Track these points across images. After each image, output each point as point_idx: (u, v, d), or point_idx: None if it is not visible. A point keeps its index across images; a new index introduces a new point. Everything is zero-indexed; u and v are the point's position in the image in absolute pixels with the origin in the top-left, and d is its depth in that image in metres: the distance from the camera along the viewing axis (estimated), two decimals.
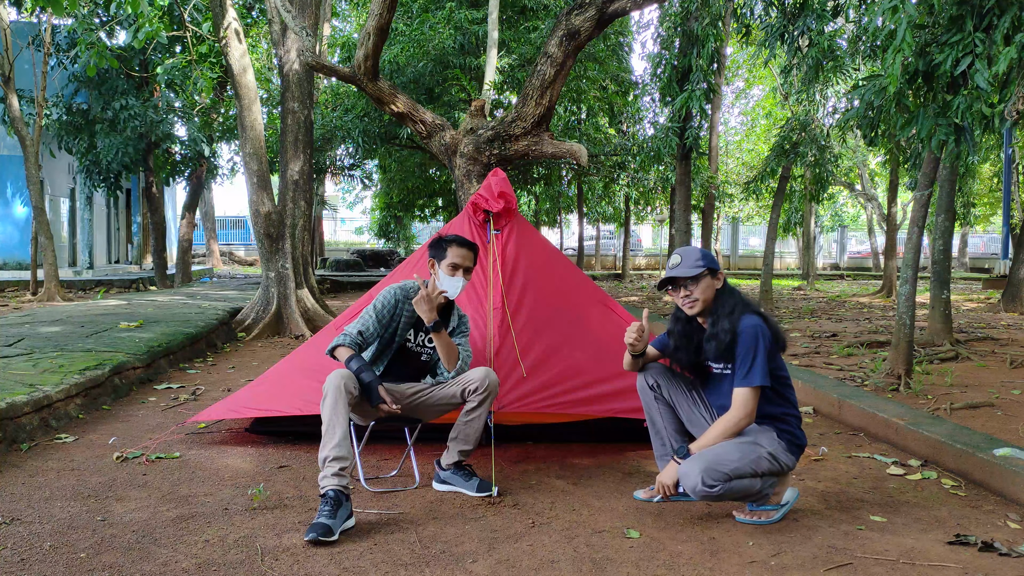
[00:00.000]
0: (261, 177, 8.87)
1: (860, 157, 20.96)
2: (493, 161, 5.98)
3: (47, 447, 3.91)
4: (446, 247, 3.33)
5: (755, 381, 2.89)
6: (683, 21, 11.27)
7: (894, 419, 4.19)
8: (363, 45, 5.88)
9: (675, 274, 3.05)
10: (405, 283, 3.43)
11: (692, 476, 2.83)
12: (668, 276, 3.08)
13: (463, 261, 3.31)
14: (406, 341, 3.41)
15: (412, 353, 3.44)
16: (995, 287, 16.82)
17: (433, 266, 3.36)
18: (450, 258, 3.30)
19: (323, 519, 2.75)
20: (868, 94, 5.16)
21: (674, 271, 3.05)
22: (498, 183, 4.12)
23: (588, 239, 29.24)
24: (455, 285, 3.31)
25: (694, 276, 3.02)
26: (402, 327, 3.37)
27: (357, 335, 3.24)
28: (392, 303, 3.35)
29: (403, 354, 3.43)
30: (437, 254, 3.35)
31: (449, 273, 3.30)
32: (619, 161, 15.68)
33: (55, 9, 6.23)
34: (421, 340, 3.43)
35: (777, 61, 12.08)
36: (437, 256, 3.35)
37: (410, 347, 3.43)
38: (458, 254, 3.31)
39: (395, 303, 3.35)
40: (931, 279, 7.20)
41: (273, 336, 8.75)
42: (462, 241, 3.35)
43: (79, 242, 18.69)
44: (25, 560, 2.55)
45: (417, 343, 3.43)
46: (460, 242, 3.34)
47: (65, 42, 13.04)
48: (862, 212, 32.85)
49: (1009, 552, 2.70)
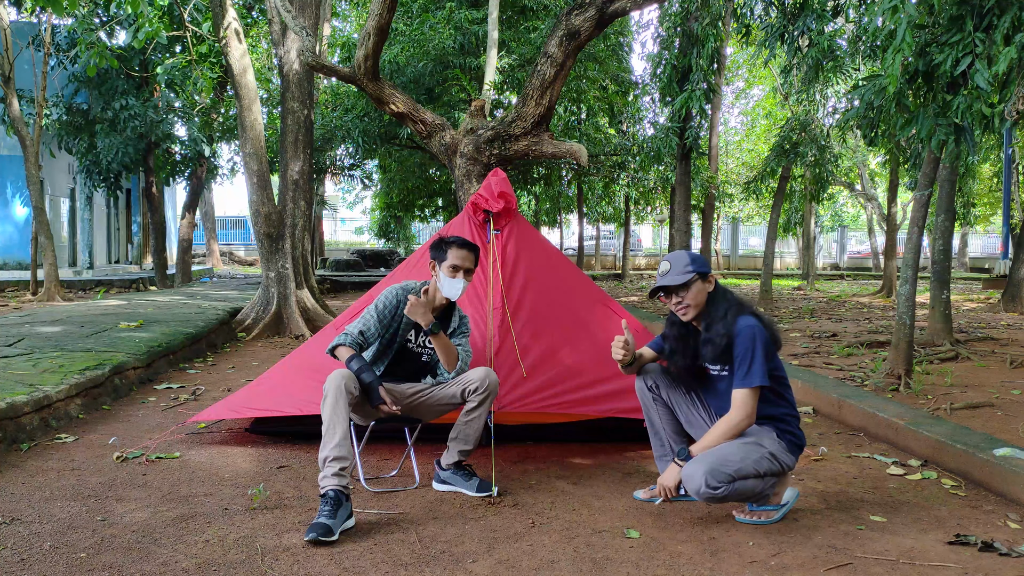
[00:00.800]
0: (261, 177, 8.87)
1: (860, 157, 20.96)
2: (493, 161, 5.98)
3: (47, 447, 3.91)
4: (447, 249, 3.32)
5: (754, 382, 2.89)
6: (683, 21, 11.27)
7: (894, 419, 4.19)
8: (363, 45, 5.88)
9: (665, 283, 3.04)
10: (407, 283, 3.43)
11: (696, 478, 2.82)
12: (658, 284, 3.08)
13: (464, 263, 3.30)
14: (407, 341, 3.41)
15: (413, 353, 3.44)
16: (995, 287, 16.81)
17: (434, 268, 3.36)
18: (451, 260, 3.29)
19: (323, 519, 2.75)
20: (868, 94, 5.16)
21: (664, 279, 3.05)
22: (498, 183, 4.12)
23: (588, 239, 29.23)
24: (456, 287, 3.30)
25: (684, 283, 3.01)
26: (403, 327, 3.38)
27: (358, 335, 3.25)
28: (394, 303, 3.35)
29: (404, 354, 3.43)
30: (438, 256, 3.34)
31: (450, 275, 3.29)
32: (619, 161, 15.67)
33: (55, 9, 6.23)
34: (422, 341, 3.43)
35: (777, 61, 12.08)
36: (438, 258, 3.34)
37: (411, 347, 3.43)
38: (459, 255, 3.30)
39: (397, 303, 3.35)
40: (931, 279, 7.20)
41: (273, 336, 8.75)
42: (463, 242, 3.34)
43: (79, 242, 18.69)
44: (25, 560, 2.55)
45: (418, 344, 3.43)
46: (461, 243, 3.34)
47: (65, 42, 13.05)
48: (862, 212, 32.85)
49: (1009, 552, 2.70)
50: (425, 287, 3.35)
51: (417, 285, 3.40)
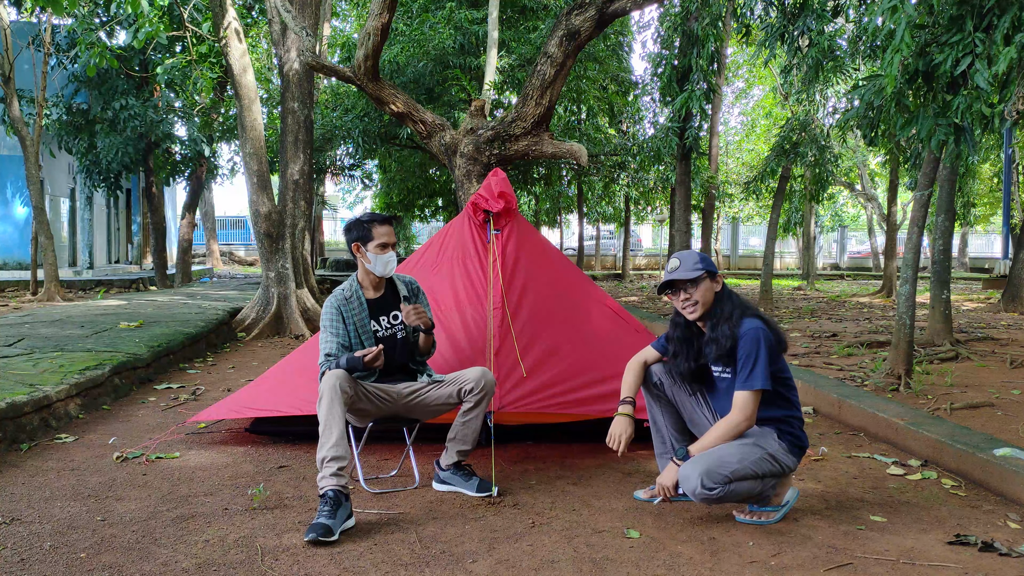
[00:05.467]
0: (261, 177, 8.87)
1: (860, 157, 20.96)
2: (493, 161, 5.98)
3: (47, 447, 3.91)
4: (370, 228, 3.33)
5: (756, 385, 2.89)
6: (683, 21, 11.27)
7: (894, 419, 4.19)
8: (363, 45, 5.88)
9: (674, 277, 3.04)
10: (335, 290, 3.42)
11: (692, 479, 2.82)
12: (667, 280, 3.08)
13: (390, 238, 3.34)
14: (375, 332, 3.38)
15: (388, 338, 3.40)
16: (995, 287, 16.81)
17: (358, 249, 3.34)
18: (378, 239, 3.31)
19: (323, 519, 2.75)
20: (868, 94, 5.16)
21: (673, 275, 3.06)
22: (498, 183, 4.12)
23: (588, 239, 29.22)
24: (391, 262, 3.34)
25: (693, 279, 3.01)
26: (361, 324, 3.34)
27: (336, 352, 3.25)
28: (335, 312, 3.33)
29: (382, 343, 3.40)
30: (362, 236, 3.33)
31: (379, 253, 3.31)
32: (619, 161, 15.67)
33: (55, 9, 6.23)
34: (386, 323, 3.41)
35: (777, 61, 12.07)
36: (363, 238, 3.33)
37: (383, 335, 3.39)
38: (385, 232, 3.33)
39: (337, 310, 3.33)
40: (931, 279, 7.20)
41: (273, 336, 8.75)
42: (384, 218, 3.37)
43: (79, 242, 18.68)
44: (25, 560, 2.55)
45: (385, 327, 3.41)
46: (382, 220, 3.36)
47: (65, 42, 13.03)
48: (862, 212, 32.84)
49: (1009, 552, 2.70)
50: (416, 306, 3.31)
51: (345, 285, 3.40)
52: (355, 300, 3.35)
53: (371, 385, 3.27)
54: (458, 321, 3.95)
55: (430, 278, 4.09)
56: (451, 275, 4.13)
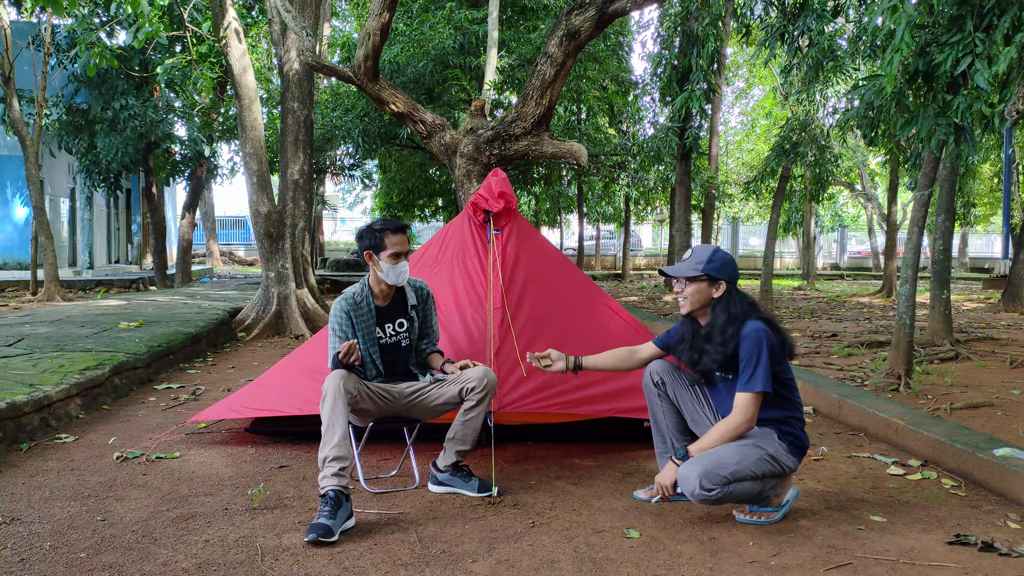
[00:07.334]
0: (261, 177, 8.87)
1: (860, 157, 20.97)
2: (493, 161, 5.98)
3: (47, 447, 3.91)
4: (383, 236, 3.26)
5: (757, 387, 2.89)
6: (683, 21, 11.28)
7: (894, 419, 4.19)
8: (363, 45, 5.88)
9: (667, 270, 3.12)
10: (345, 292, 3.39)
11: (691, 480, 2.82)
12: (664, 269, 3.18)
13: (403, 247, 3.28)
14: (379, 339, 3.38)
15: (391, 345, 3.41)
16: (995, 287, 16.81)
17: (370, 257, 3.29)
18: (391, 248, 3.26)
19: (323, 519, 2.75)
20: (868, 94, 5.16)
21: (672, 267, 3.10)
22: (498, 183, 4.12)
23: (588, 239, 29.21)
24: (403, 272, 3.30)
25: (689, 277, 3.03)
26: (366, 330, 3.33)
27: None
28: (344, 316, 3.30)
29: (384, 350, 3.41)
30: (374, 244, 3.27)
31: (393, 263, 3.27)
32: (619, 161, 15.67)
33: (55, 9, 6.23)
34: (391, 330, 3.40)
35: (777, 61, 12.08)
36: (375, 247, 3.27)
37: (386, 342, 3.40)
38: (397, 241, 3.26)
39: (346, 314, 3.31)
40: (931, 279, 7.20)
41: (273, 336, 8.75)
42: (397, 227, 3.30)
43: (79, 242, 18.68)
44: (25, 560, 2.55)
45: (390, 335, 3.41)
46: (395, 228, 3.29)
47: (65, 42, 13.03)
48: (862, 212, 32.85)
49: (1009, 552, 2.70)
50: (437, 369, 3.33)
51: (356, 289, 3.37)
52: (365, 306, 3.33)
53: (373, 384, 3.27)
54: (458, 321, 3.95)
55: (430, 278, 4.08)
56: (451, 275, 4.13)
